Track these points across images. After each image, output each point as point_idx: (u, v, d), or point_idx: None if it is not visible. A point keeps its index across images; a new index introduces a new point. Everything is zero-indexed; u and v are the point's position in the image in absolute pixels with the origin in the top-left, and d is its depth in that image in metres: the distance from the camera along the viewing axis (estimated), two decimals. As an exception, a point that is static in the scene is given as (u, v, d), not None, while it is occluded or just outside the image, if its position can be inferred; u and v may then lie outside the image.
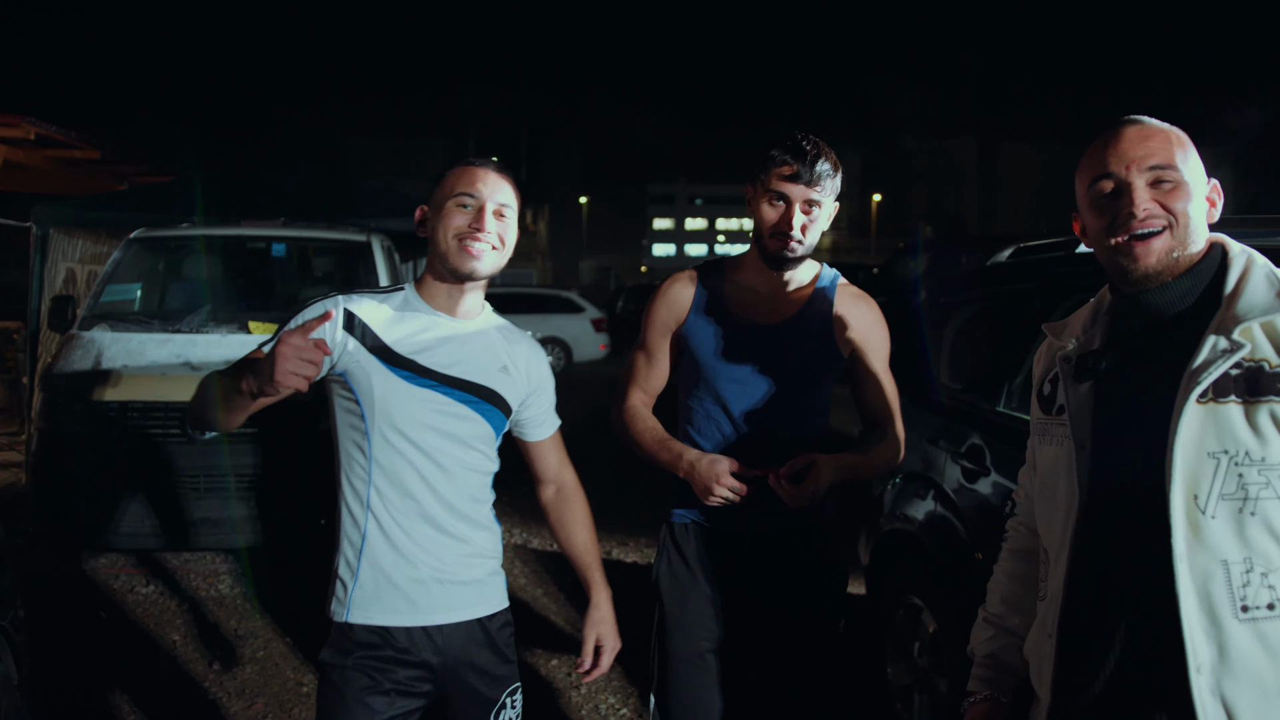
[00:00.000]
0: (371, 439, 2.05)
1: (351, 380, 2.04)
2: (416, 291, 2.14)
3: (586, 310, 19.27)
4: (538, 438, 2.36)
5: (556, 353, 18.74)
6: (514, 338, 2.24)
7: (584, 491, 2.45)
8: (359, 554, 2.06)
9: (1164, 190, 1.56)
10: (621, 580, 5.65)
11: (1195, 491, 1.46)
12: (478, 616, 2.14)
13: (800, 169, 2.28)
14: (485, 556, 2.18)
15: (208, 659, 4.43)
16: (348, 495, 2.09)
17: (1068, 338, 1.75)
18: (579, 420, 3.70)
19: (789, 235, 2.32)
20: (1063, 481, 1.65)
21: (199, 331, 5.62)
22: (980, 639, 1.95)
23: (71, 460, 5.19)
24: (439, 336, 2.09)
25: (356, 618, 2.05)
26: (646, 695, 2.80)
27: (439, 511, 2.08)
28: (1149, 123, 1.62)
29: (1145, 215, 1.55)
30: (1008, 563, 1.96)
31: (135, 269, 6.46)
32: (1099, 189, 1.61)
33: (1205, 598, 1.44)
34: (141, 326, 5.72)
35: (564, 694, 4.15)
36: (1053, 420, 1.73)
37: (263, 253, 6.92)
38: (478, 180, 2.07)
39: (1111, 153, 1.60)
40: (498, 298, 19.12)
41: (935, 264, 7.26)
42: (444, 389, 2.06)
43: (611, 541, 6.49)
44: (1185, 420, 1.46)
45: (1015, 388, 3.35)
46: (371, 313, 2.07)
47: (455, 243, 2.04)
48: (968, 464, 3.32)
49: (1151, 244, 1.55)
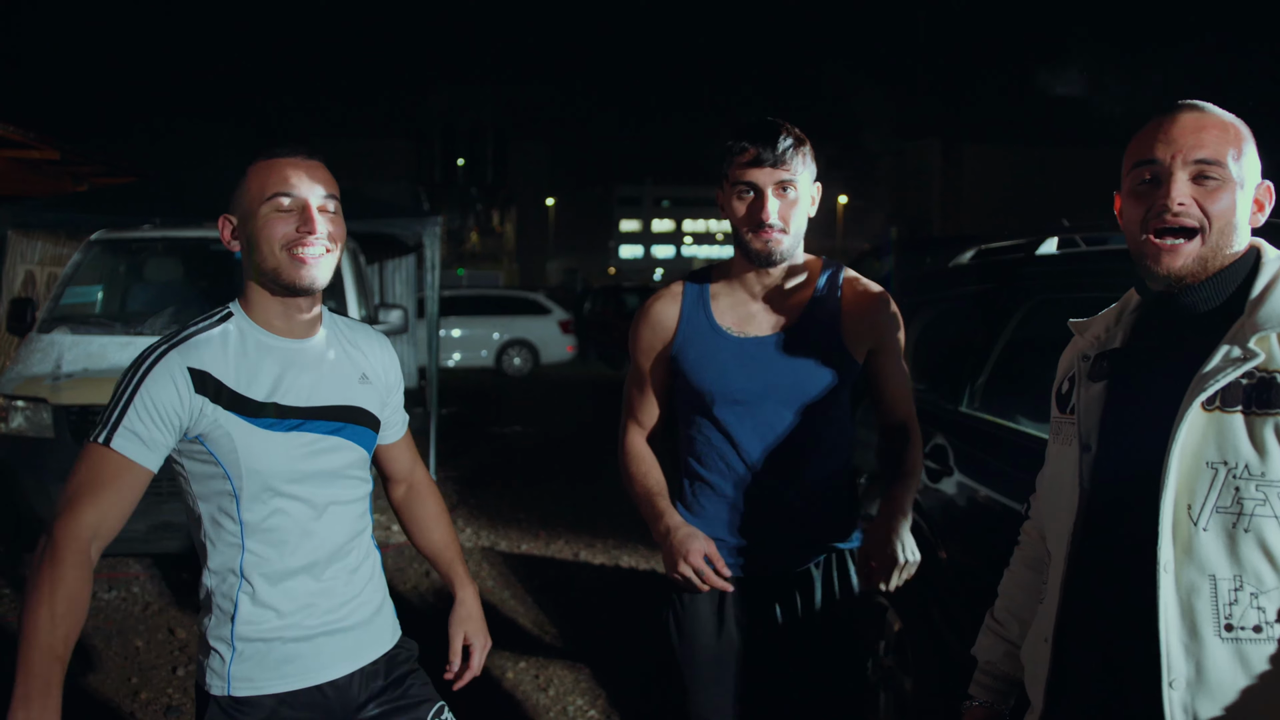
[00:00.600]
0: (241, 502, 1.79)
1: (210, 444, 1.76)
2: (247, 315, 1.84)
3: (553, 312, 19.23)
4: (393, 439, 2.12)
5: (524, 355, 18.69)
6: (361, 338, 2.00)
7: (436, 486, 2.26)
8: (232, 624, 1.82)
9: (1206, 188, 1.47)
10: (591, 582, 5.70)
11: (1189, 501, 1.41)
12: (373, 659, 1.96)
13: (761, 151, 2.07)
14: (369, 595, 1.97)
15: (170, 665, 4.39)
16: (213, 562, 1.84)
17: (1090, 336, 1.69)
18: (546, 422, 3.73)
19: (767, 225, 2.09)
20: (1066, 482, 1.61)
21: (161, 334, 5.56)
22: (983, 645, 1.90)
23: (31, 465, 5.12)
24: (289, 365, 1.83)
25: (240, 690, 1.82)
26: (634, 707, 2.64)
27: (319, 560, 1.87)
28: (1208, 112, 1.51)
29: (1179, 212, 1.46)
30: (1016, 570, 1.90)
31: (96, 271, 6.39)
32: (1139, 174, 1.52)
33: (1188, 612, 1.40)
34: (103, 329, 5.66)
35: (531, 697, 4.15)
36: (1065, 419, 1.68)
37: (225, 255, 6.86)
38: (291, 176, 1.78)
39: (1160, 138, 1.50)
40: (465, 300, 19.11)
41: (901, 265, 7.34)
42: (309, 425, 1.83)
43: (579, 544, 6.49)
44: (1186, 426, 1.41)
45: (977, 388, 3.39)
46: (214, 359, 1.77)
47: (285, 255, 1.76)
48: (931, 464, 3.36)
49: (1181, 248, 1.47)
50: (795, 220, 2.14)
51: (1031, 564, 1.85)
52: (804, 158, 2.13)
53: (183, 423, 1.75)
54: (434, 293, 7.83)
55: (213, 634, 1.85)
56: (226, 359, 1.79)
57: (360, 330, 2.04)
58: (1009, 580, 1.91)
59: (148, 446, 1.73)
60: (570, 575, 5.86)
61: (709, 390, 2.20)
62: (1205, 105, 1.53)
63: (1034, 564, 1.84)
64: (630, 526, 6.81)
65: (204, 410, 1.75)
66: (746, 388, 2.18)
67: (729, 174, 2.14)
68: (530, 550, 6.32)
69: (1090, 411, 1.59)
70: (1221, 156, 1.47)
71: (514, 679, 4.32)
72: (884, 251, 9.01)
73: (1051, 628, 1.59)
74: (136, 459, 1.72)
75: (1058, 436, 1.70)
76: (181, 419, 1.75)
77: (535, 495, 7.91)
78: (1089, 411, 1.59)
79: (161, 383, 1.73)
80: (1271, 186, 1.55)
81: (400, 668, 2.02)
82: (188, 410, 1.75)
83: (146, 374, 1.74)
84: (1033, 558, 1.85)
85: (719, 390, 2.20)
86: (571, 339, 19.18)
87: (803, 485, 2.20)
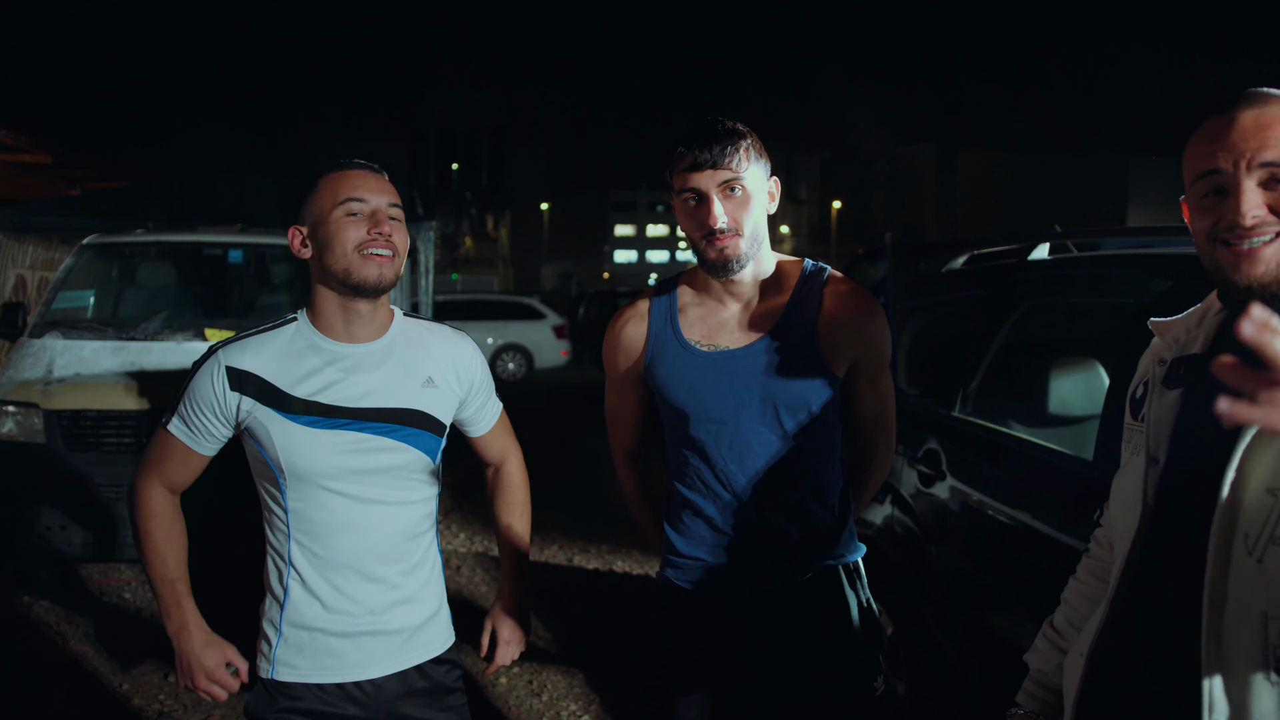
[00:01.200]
0: (286, 492, 1.90)
1: (254, 437, 1.90)
2: (310, 322, 1.94)
3: (548, 317, 19.22)
4: (481, 432, 2.21)
5: (518, 359, 18.68)
6: (433, 341, 2.04)
7: (526, 476, 2.34)
8: (282, 610, 1.94)
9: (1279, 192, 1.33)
10: (585, 588, 5.69)
11: (1246, 529, 1.27)
12: (413, 665, 2.01)
13: (699, 153, 1.94)
14: (421, 599, 2.03)
15: (162, 671, 4.37)
16: (270, 546, 1.97)
17: (1170, 339, 1.54)
18: (541, 428, 3.76)
19: (717, 230, 1.96)
20: (1132, 494, 1.49)
21: (154, 339, 5.55)
22: (1036, 653, 1.79)
23: (22, 471, 5.11)
24: (343, 368, 1.91)
25: (283, 675, 1.93)
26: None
27: (368, 559, 1.94)
28: (1269, 104, 1.36)
29: (1254, 224, 1.32)
30: (1082, 579, 1.78)
31: (88, 276, 6.37)
32: (1203, 185, 1.38)
33: (1234, 649, 1.26)
34: (95, 334, 5.63)
35: (525, 702, 4.14)
36: (1136, 426, 1.55)
37: (219, 259, 6.85)
38: (361, 185, 1.89)
39: (1221, 145, 1.35)
40: (460, 305, 19.09)
41: (895, 270, 7.35)
42: (358, 425, 1.89)
43: (573, 549, 6.48)
44: (1249, 447, 1.28)
45: (970, 393, 3.39)
46: (259, 359, 1.89)
47: (356, 255, 1.85)
48: (924, 469, 3.36)
49: (1261, 253, 1.33)
50: (748, 220, 1.99)
51: (1098, 574, 1.74)
52: (747, 153, 1.98)
53: (227, 416, 1.91)
54: (428, 297, 7.83)
55: (266, 617, 1.98)
56: (274, 359, 1.90)
57: (435, 332, 2.08)
58: (1073, 589, 1.78)
59: (195, 434, 1.93)
60: (564, 580, 5.85)
61: (681, 409, 2.11)
62: (1264, 94, 1.37)
63: (1101, 574, 1.72)
64: (624, 532, 6.80)
65: (241, 406, 1.89)
66: (719, 404, 2.06)
67: (672, 184, 2.02)
68: (524, 555, 6.30)
69: (1162, 422, 1.45)
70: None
71: (507, 684, 4.31)
72: (879, 256, 9.00)
73: (1089, 644, 1.50)
74: (187, 443, 1.94)
75: (1129, 444, 1.57)
76: (222, 413, 1.91)
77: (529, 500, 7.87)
78: (1160, 422, 1.46)
79: (203, 380, 1.90)
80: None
81: (444, 678, 2.06)
82: (224, 406, 1.90)
83: (196, 370, 1.93)
84: (1100, 567, 1.74)
85: (691, 408, 2.09)
86: (566, 344, 19.17)
87: (786, 503, 2.09)
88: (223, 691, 1.94)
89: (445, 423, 2.04)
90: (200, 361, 1.93)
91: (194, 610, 1.95)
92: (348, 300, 1.90)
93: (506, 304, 20.13)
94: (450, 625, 2.12)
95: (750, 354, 2.06)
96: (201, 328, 5.68)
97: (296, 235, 1.93)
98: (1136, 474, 1.47)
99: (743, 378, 2.05)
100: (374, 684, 1.97)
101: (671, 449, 2.19)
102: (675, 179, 2.00)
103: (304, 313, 1.96)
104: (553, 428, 11.85)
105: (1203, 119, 1.41)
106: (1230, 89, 1.41)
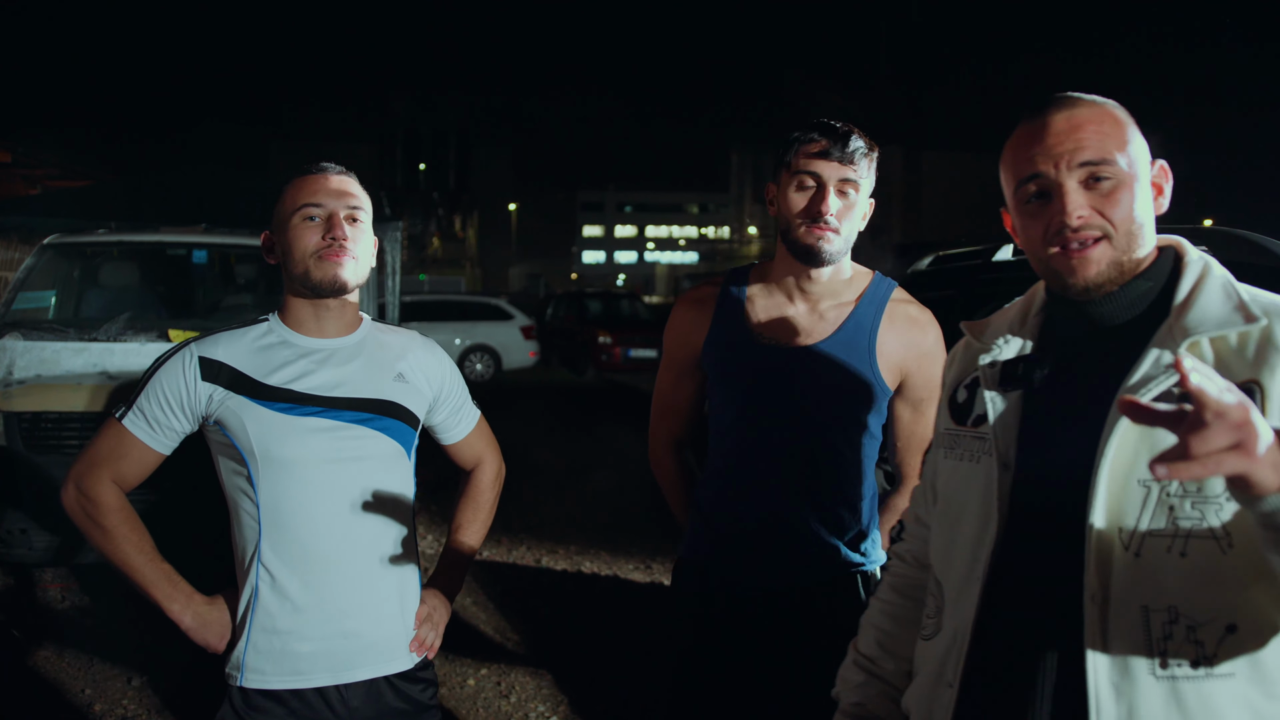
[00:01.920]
0: (258, 484, 1.86)
1: (225, 427, 1.87)
2: (281, 320, 1.96)
3: (516, 317, 19.17)
4: (455, 439, 2.19)
5: (486, 360, 18.62)
6: (404, 343, 2.05)
7: (498, 484, 2.29)
8: (250, 614, 1.89)
9: (1102, 191, 1.34)
10: (553, 589, 5.68)
11: (1120, 524, 1.26)
12: (387, 674, 1.96)
13: (831, 145, 2.00)
14: (399, 604, 1.99)
15: (125, 676, 4.32)
16: (238, 545, 1.93)
17: (991, 339, 1.53)
18: (508, 429, 3.73)
19: (823, 219, 2.00)
20: (976, 503, 1.43)
21: (116, 340, 5.48)
22: (848, 684, 1.69)
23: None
24: (315, 360, 1.92)
25: (252, 682, 1.88)
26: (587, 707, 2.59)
27: (343, 556, 1.89)
28: (1079, 105, 1.38)
29: (1080, 224, 1.33)
30: (888, 598, 1.70)
31: (49, 276, 6.28)
32: (1026, 191, 1.39)
33: (1120, 647, 1.24)
34: (56, 335, 5.55)
35: (493, 703, 4.13)
36: (968, 432, 1.49)
37: (183, 259, 6.77)
38: (320, 189, 1.90)
39: (1038, 148, 1.36)
40: (427, 305, 19.01)
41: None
42: (332, 413, 1.88)
43: (541, 550, 6.48)
44: (1115, 442, 1.26)
45: (936, 393, 3.42)
46: (232, 351, 1.90)
47: (314, 260, 1.87)
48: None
49: (1090, 254, 1.34)
50: (848, 224, 2.05)
51: (907, 593, 1.67)
52: (870, 164, 2.06)
53: (193, 408, 1.88)
54: (395, 298, 7.77)
55: (235, 621, 1.93)
56: (247, 351, 1.91)
57: (404, 337, 2.08)
58: (880, 610, 1.70)
59: (154, 428, 1.90)
60: (532, 581, 5.84)
61: (732, 396, 2.14)
62: (1073, 97, 1.40)
63: (909, 591, 1.67)
64: (592, 532, 6.80)
65: (214, 396, 1.87)
66: (770, 398, 2.09)
67: (791, 163, 2.04)
68: (492, 557, 6.30)
69: (1008, 426, 1.41)
70: (1108, 153, 1.34)
71: (475, 686, 4.29)
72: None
73: (959, 670, 1.40)
74: (142, 438, 1.90)
75: (955, 451, 1.52)
76: (189, 404, 1.88)
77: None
78: (1006, 426, 1.41)
79: (172, 371, 1.88)
80: (1166, 165, 1.43)
81: (420, 696, 2.02)
82: (194, 396, 1.88)
83: (164, 362, 1.90)
84: (908, 585, 1.68)
85: (742, 398, 2.12)
86: (534, 345, 19.13)
87: (817, 504, 2.11)
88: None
89: (419, 416, 2.03)
90: (168, 355, 1.91)
91: (186, 584, 1.92)
92: (315, 299, 1.93)
93: (474, 305, 20.05)
94: None
95: (809, 354, 2.09)
96: (165, 328, 5.62)
97: (266, 239, 1.98)
98: (983, 482, 1.42)
99: (797, 376, 2.08)
100: (345, 700, 1.91)
101: (714, 435, 2.21)
102: (797, 159, 2.04)
103: (275, 314, 1.98)
104: (521, 429, 11.82)
105: (1015, 126, 1.43)
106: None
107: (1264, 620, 1.22)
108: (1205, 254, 1.42)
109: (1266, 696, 1.22)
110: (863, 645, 1.70)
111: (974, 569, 1.40)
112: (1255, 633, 1.22)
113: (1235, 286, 1.34)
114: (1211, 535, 1.22)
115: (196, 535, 3.23)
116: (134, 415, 1.90)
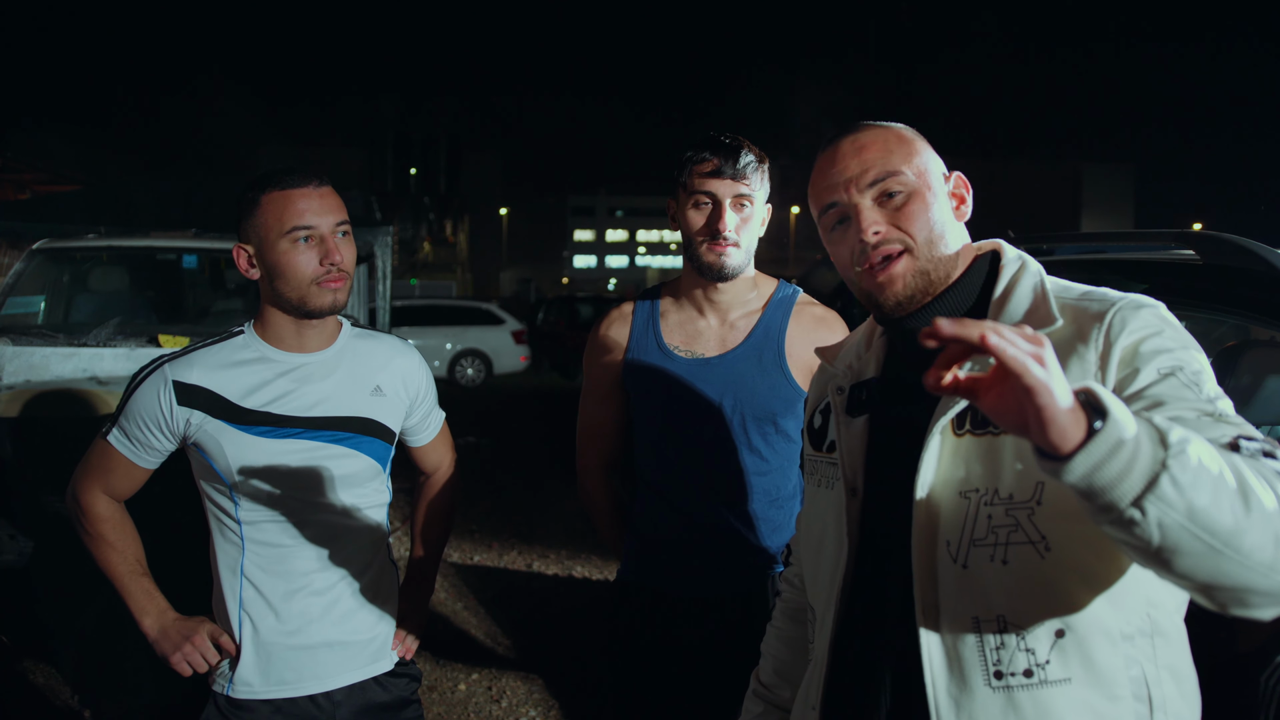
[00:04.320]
0: (239, 504, 1.87)
1: (204, 450, 1.86)
2: (258, 333, 1.92)
3: (507, 322, 19.17)
4: (423, 442, 2.19)
5: (477, 365, 18.61)
6: (380, 351, 2.03)
7: (457, 486, 2.29)
8: (238, 626, 1.90)
9: (895, 206, 1.37)
10: (544, 593, 5.68)
11: (947, 537, 1.26)
12: (373, 676, 2.00)
13: (722, 163, 2.05)
14: (379, 609, 2.01)
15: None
16: (220, 562, 1.93)
17: (841, 364, 1.53)
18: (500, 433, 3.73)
19: (722, 236, 2.06)
20: (831, 530, 1.43)
21: (106, 345, 5.47)
22: (750, 714, 1.69)
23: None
24: (294, 379, 1.89)
25: (240, 692, 1.90)
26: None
27: (324, 569, 1.92)
28: (863, 130, 1.42)
29: (878, 240, 1.35)
30: (780, 624, 1.71)
31: (38, 280, 6.26)
32: (829, 219, 1.42)
33: (954, 659, 1.24)
34: (45, 340, 5.54)
35: (484, 708, 4.13)
36: (823, 458, 1.51)
37: (173, 264, 6.76)
38: (307, 208, 1.82)
39: (830, 177, 1.40)
40: (418, 310, 19.00)
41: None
42: (310, 434, 1.88)
43: (532, 555, 6.47)
44: (931, 454, 1.27)
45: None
46: (208, 373, 1.86)
47: (313, 287, 1.83)
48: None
49: (893, 270, 1.36)
50: (747, 236, 2.11)
51: (794, 616, 1.68)
52: (762, 175, 2.12)
53: (172, 430, 1.87)
54: (385, 303, 7.77)
55: (219, 644, 1.93)
56: (223, 372, 1.87)
57: (382, 342, 2.06)
58: (774, 637, 1.71)
59: (136, 446, 1.90)
60: (523, 586, 5.84)
61: (655, 411, 2.19)
62: (861, 124, 1.44)
63: (799, 616, 1.67)
64: (583, 537, 6.80)
65: (191, 420, 1.85)
66: (691, 410, 2.14)
67: (686, 183, 2.10)
68: (483, 561, 6.30)
69: (854, 451, 1.42)
70: (893, 167, 1.37)
71: (466, 690, 4.29)
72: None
73: (819, 694, 1.40)
74: (126, 455, 1.91)
75: (815, 477, 1.53)
76: (168, 427, 1.87)
77: (488, 506, 7.87)
78: (853, 451, 1.42)
79: (147, 395, 1.87)
80: (964, 176, 1.45)
81: (403, 690, 2.05)
82: (170, 421, 1.86)
83: (140, 384, 1.88)
84: (792, 609, 1.69)
85: (664, 412, 2.17)
86: (525, 349, 19.13)
87: (745, 509, 2.15)
88: (203, 661, 1.91)
89: (395, 430, 2.04)
90: (144, 376, 1.89)
91: (163, 599, 1.94)
92: (300, 319, 1.90)
93: (465, 309, 20.03)
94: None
95: (723, 363, 2.14)
96: (155, 333, 5.61)
97: (242, 255, 1.89)
98: (834, 508, 1.43)
99: (715, 385, 2.13)
100: (332, 699, 1.94)
101: (640, 451, 2.24)
102: (691, 180, 2.09)
103: (250, 325, 1.94)
104: (512, 434, 11.81)
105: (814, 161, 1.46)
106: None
107: (1093, 623, 1.21)
108: (1023, 254, 1.42)
109: (1108, 699, 1.21)
110: (763, 674, 1.71)
111: (830, 593, 1.40)
112: (1085, 636, 1.21)
113: (1045, 286, 1.34)
114: (1028, 540, 1.22)
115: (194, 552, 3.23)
116: (117, 433, 1.91)
